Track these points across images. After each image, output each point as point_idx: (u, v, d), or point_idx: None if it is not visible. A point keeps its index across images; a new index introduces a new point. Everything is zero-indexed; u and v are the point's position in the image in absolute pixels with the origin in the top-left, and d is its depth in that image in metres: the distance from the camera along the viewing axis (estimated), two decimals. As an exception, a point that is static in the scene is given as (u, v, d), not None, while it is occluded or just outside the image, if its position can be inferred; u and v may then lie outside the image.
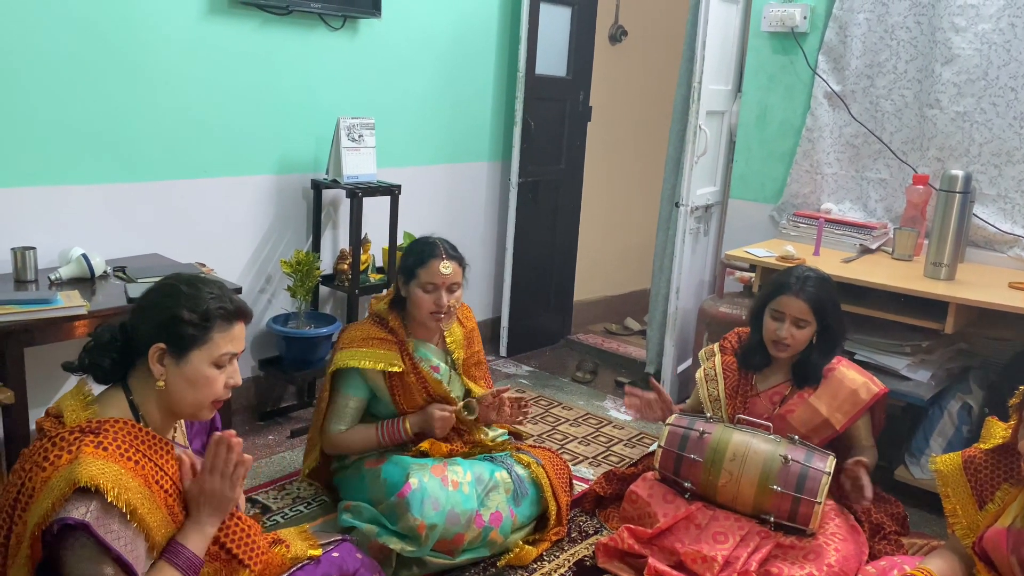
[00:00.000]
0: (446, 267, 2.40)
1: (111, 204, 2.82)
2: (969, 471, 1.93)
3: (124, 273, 2.66)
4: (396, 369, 2.42)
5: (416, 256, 2.44)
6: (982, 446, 1.94)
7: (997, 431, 1.93)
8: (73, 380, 2.74)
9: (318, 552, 1.80)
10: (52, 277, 2.53)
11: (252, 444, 3.09)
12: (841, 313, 2.51)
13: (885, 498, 2.58)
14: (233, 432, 1.55)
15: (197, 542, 1.50)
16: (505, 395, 2.50)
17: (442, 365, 2.54)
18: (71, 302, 2.33)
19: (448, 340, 2.58)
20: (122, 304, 2.41)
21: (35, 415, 2.50)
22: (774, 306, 2.47)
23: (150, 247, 2.94)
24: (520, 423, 2.63)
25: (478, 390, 2.61)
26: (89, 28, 2.65)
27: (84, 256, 2.58)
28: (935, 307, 2.69)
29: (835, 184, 3.41)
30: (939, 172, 3.00)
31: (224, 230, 3.14)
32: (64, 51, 2.61)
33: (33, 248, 2.54)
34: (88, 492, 1.36)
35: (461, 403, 2.51)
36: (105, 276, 2.65)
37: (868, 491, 2.33)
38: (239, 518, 1.62)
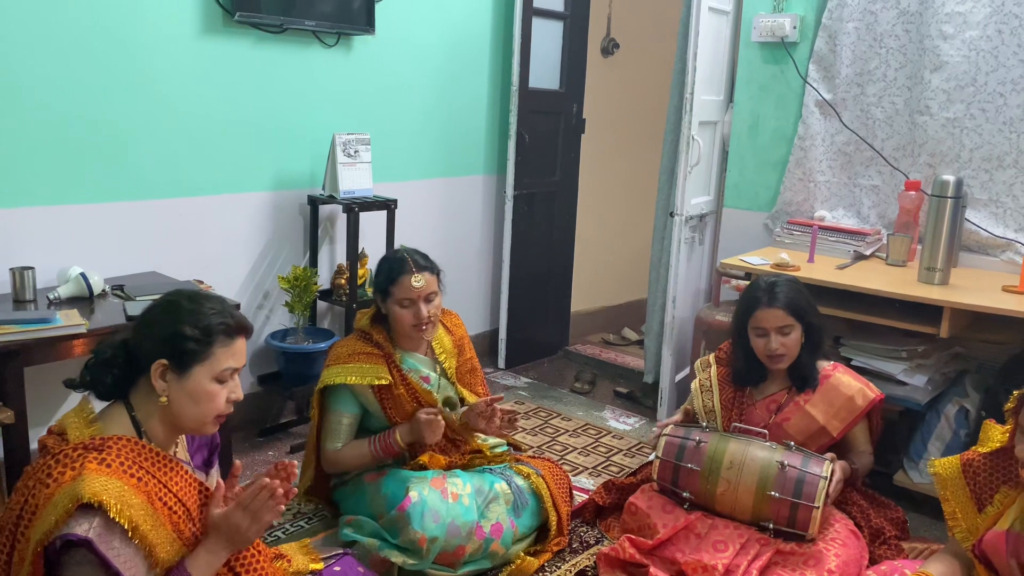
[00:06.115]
0: (418, 280, 2.40)
1: (108, 223, 2.83)
2: (968, 474, 1.93)
3: (122, 291, 2.67)
4: (383, 382, 2.41)
5: (386, 274, 2.44)
6: (980, 449, 1.95)
7: (995, 434, 1.94)
8: (74, 399, 2.75)
9: (320, 567, 1.81)
10: (51, 296, 2.54)
11: (252, 460, 3.09)
12: (816, 307, 2.53)
13: (884, 503, 2.58)
14: (281, 483, 1.56)
15: (205, 569, 1.50)
16: (498, 405, 2.48)
17: (432, 375, 2.54)
18: (70, 321, 2.34)
19: (437, 350, 2.58)
20: (121, 322, 2.42)
21: (35, 435, 2.50)
22: (754, 324, 2.48)
23: (148, 265, 2.95)
24: (506, 436, 2.62)
25: (472, 398, 2.60)
26: (85, 48, 2.67)
27: (82, 275, 2.59)
28: (930, 312, 2.71)
29: (828, 191, 3.43)
30: (931, 178, 3.02)
31: (221, 247, 3.16)
32: (61, 71, 2.63)
33: (31, 268, 2.55)
34: (91, 508, 1.37)
35: (441, 402, 2.49)
36: (104, 294, 2.66)
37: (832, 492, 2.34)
38: (251, 545, 1.62)
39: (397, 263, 2.44)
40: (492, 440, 2.68)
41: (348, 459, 2.46)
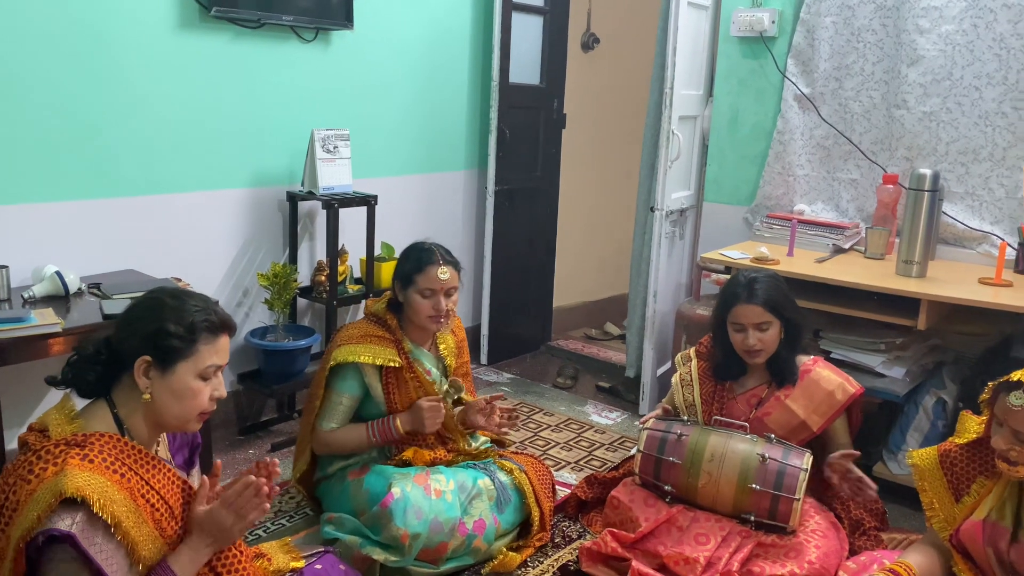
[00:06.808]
0: (444, 272, 2.42)
1: (84, 220, 2.80)
2: (945, 465, 1.96)
3: (99, 290, 2.64)
4: (395, 364, 2.43)
5: (414, 263, 2.46)
6: (957, 440, 1.97)
7: (971, 425, 1.96)
8: (50, 399, 2.72)
9: (300, 564, 1.80)
10: (25, 295, 2.51)
11: (232, 459, 3.06)
12: (795, 303, 2.53)
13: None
14: (266, 481, 1.56)
15: (187, 568, 1.50)
16: (497, 403, 2.51)
17: (433, 370, 2.55)
18: (45, 320, 2.31)
19: (441, 347, 2.60)
20: (97, 321, 2.39)
21: (10, 435, 2.48)
22: (732, 319, 2.48)
23: (125, 263, 2.92)
24: (505, 434, 2.65)
25: (469, 397, 2.63)
26: (60, 44, 2.63)
27: (58, 273, 2.56)
28: (908, 304, 2.73)
29: (807, 185, 3.45)
30: (908, 171, 3.05)
31: (200, 244, 3.13)
32: (36, 67, 2.59)
33: (6, 266, 2.51)
34: (74, 503, 1.36)
35: (446, 386, 2.52)
36: (80, 293, 2.63)
37: (867, 481, 2.33)
38: (234, 544, 1.62)
39: (425, 253, 2.46)
40: (476, 438, 2.69)
41: (342, 440, 2.46)
